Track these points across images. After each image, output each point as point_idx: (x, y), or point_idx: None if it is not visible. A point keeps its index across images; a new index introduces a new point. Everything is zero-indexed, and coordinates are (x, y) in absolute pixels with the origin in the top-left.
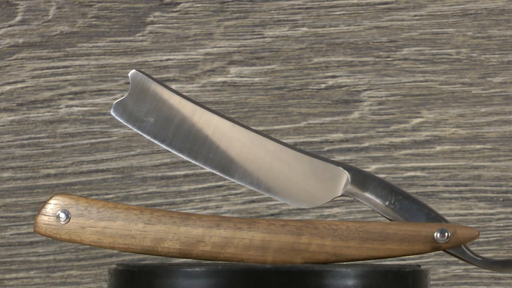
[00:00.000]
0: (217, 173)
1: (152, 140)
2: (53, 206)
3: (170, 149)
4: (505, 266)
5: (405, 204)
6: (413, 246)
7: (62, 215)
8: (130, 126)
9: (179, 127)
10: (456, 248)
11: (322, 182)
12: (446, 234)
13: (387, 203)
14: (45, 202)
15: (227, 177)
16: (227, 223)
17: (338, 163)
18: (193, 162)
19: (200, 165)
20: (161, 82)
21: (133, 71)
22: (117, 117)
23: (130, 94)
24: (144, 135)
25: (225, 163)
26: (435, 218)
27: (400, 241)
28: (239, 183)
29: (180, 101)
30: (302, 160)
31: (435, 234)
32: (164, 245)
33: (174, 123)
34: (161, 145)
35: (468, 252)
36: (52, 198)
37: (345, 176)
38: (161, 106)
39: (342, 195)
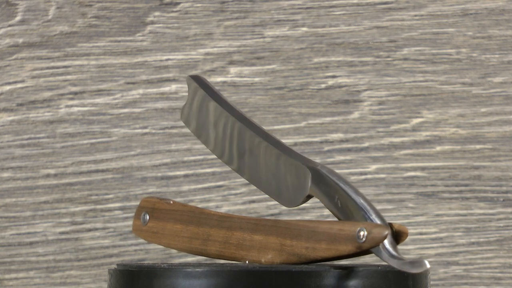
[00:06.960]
0: (242, 176)
1: (200, 141)
2: (140, 209)
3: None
4: (414, 266)
5: (346, 202)
6: (340, 246)
7: (144, 218)
8: (191, 131)
9: (217, 131)
10: (376, 248)
11: (294, 181)
12: (363, 233)
13: (333, 202)
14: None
15: (244, 177)
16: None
17: (306, 161)
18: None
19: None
20: (208, 86)
21: (188, 76)
22: (184, 123)
23: (188, 99)
24: (197, 138)
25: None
26: (363, 217)
27: (330, 241)
28: (250, 182)
29: (217, 107)
30: (281, 157)
31: (356, 234)
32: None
33: (212, 126)
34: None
35: (384, 252)
36: (141, 201)
37: (309, 174)
38: (206, 110)
39: (311, 195)
